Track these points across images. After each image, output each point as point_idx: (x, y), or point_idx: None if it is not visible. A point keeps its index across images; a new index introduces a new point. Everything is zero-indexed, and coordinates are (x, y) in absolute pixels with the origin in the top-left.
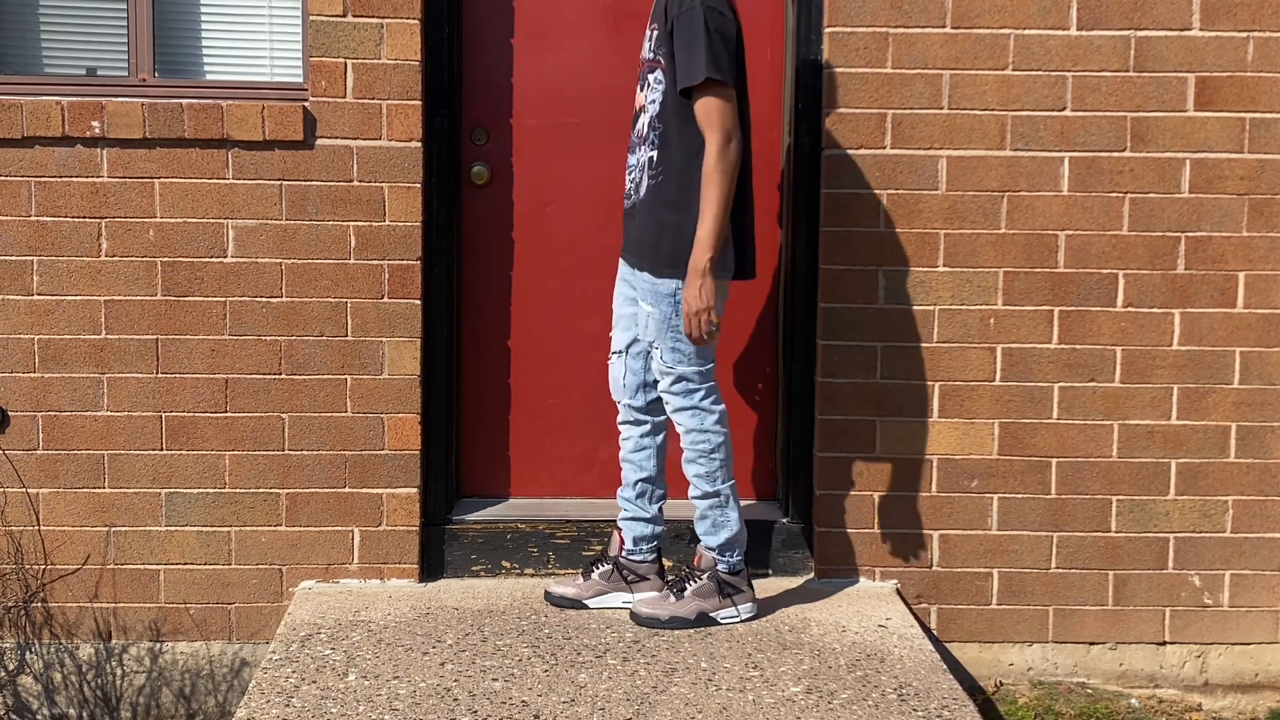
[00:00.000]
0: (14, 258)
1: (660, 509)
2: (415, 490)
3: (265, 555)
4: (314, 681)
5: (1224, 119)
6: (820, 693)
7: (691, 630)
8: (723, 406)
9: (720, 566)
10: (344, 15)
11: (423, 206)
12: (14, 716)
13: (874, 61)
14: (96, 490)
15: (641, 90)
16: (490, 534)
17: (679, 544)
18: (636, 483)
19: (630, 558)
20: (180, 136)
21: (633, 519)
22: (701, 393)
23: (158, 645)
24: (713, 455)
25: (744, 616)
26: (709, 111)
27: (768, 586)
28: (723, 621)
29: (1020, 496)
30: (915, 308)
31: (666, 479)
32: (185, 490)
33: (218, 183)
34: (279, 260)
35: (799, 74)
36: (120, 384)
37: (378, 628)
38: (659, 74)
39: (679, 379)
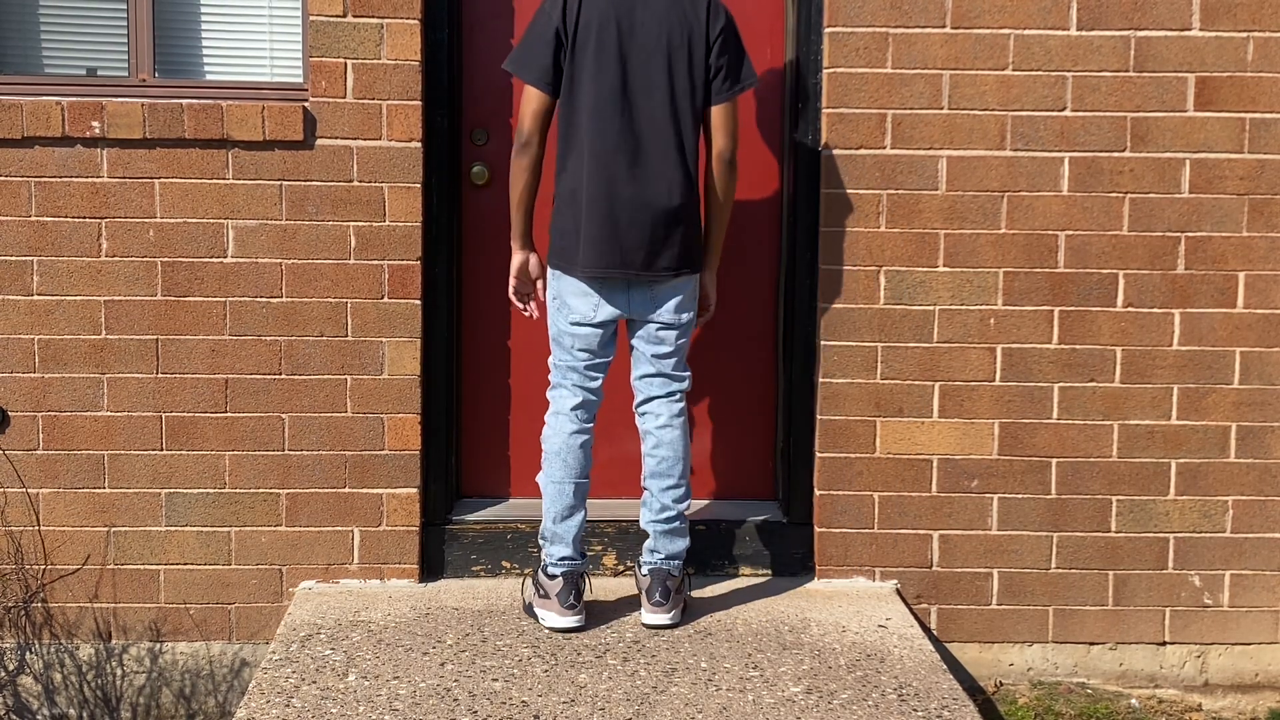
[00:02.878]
0: (14, 258)
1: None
2: (415, 490)
3: (265, 555)
4: (314, 682)
5: (1224, 119)
6: (820, 693)
7: (691, 630)
8: (563, 404)
9: (543, 562)
10: (344, 15)
11: (423, 206)
12: (14, 717)
13: (874, 61)
14: (96, 490)
15: None
16: (490, 534)
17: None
18: None
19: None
20: (180, 137)
21: None
22: (552, 385)
23: (158, 645)
24: (543, 443)
25: (545, 625)
26: None
27: (768, 586)
28: (540, 622)
29: (1020, 496)
30: (915, 308)
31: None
32: (185, 490)
33: (218, 183)
34: (279, 260)
35: (799, 74)
36: (120, 384)
37: (378, 628)
38: None
39: (550, 368)
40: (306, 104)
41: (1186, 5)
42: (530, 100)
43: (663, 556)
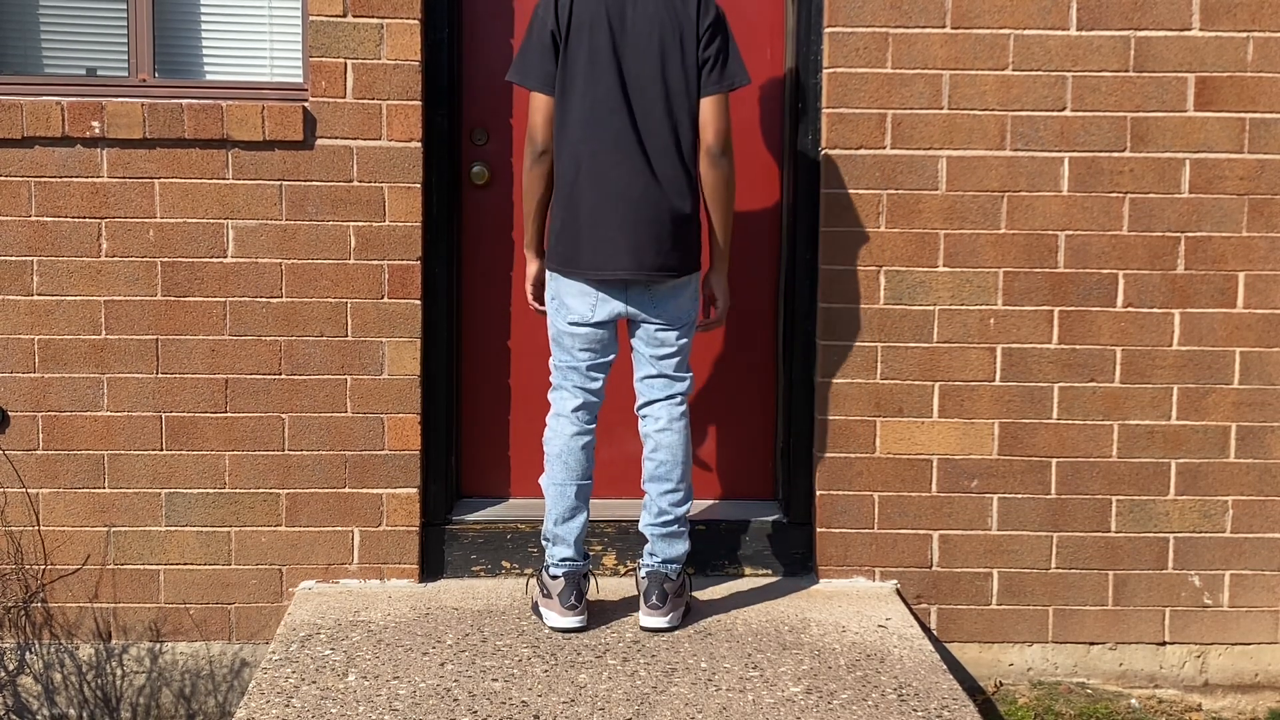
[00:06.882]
0: (14, 258)
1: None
2: (415, 490)
3: (265, 555)
4: (314, 682)
5: (1224, 119)
6: (820, 693)
7: (691, 630)
8: (564, 406)
9: (546, 561)
10: (344, 15)
11: (423, 206)
12: (14, 717)
13: (874, 61)
14: (96, 490)
15: None
16: (490, 534)
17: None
18: None
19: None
20: (180, 137)
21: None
22: (553, 387)
23: (158, 645)
24: (544, 445)
25: (547, 624)
26: None
27: (768, 587)
28: (543, 621)
29: (1020, 496)
30: (915, 308)
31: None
32: (185, 490)
33: (218, 183)
34: (279, 260)
35: (799, 74)
36: (120, 384)
37: (377, 628)
38: None
39: (551, 369)
40: (306, 104)
41: (1186, 5)
42: (540, 107)
43: (660, 560)
